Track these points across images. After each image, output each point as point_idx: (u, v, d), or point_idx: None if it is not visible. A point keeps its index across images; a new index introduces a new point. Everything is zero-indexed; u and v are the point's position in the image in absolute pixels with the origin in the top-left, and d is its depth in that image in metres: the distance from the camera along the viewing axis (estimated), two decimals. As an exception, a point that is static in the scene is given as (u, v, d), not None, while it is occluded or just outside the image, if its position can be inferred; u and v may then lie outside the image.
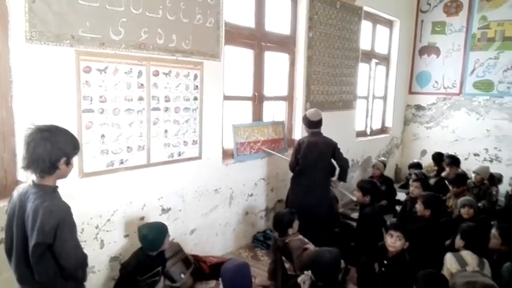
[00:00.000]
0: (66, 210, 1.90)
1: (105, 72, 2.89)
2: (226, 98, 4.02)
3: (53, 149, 1.86)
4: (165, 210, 3.50)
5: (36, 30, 2.49)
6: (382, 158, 6.20)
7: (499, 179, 5.66)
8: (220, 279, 3.35)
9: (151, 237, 2.95)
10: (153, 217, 3.36)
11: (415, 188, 4.54)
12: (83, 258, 2.00)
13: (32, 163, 1.86)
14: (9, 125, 2.55)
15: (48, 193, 1.90)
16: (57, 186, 1.97)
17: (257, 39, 4.41)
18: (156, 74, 3.25)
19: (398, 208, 5.12)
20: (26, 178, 2.53)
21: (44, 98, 2.59)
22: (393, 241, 3.04)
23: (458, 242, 3.12)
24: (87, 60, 2.77)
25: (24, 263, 1.90)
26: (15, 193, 2.00)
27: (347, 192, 4.63)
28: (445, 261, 3.01)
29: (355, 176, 6.21)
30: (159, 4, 3.16)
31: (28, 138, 1.87)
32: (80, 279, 2.03)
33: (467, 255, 2.94)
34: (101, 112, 2.90)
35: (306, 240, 3.39)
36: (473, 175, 5.16)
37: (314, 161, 3.92)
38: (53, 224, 1.81)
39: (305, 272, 2.96)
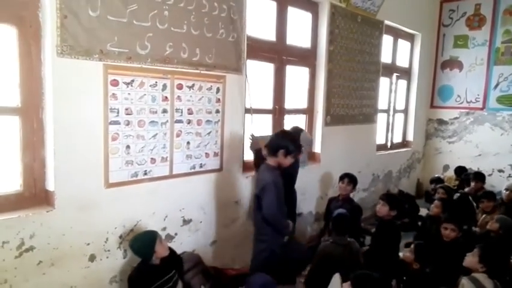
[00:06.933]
0: (271, 179, 3.17)
1: (132, 86, 2.97)
2: (247, 111, 4.06)
3: (278, 142, 3.29)
4: (186, 222, 3.53)
5: (67, 45, 2.58)
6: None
7: None
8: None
9: (137, 246, 2.87)
10: (174, 228, 3.40)
11: (435, 207, 4.50)
12: (274, 214, 3.16)
13: (268, 146, 3.33)
14: (39, 136, 2.63)
15: (268, 169, 3.29)
16: (275, 167, 3.29)
17: (278, 53, 4.45)
18: (180, 87, 3.32)
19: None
20: (54, 188, 2.62)
21: (73, 110, 2.67)
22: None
23: (476, 265, 2.95)
24: (114, 74, 2.85)
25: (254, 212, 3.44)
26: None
27: None
28: (460, 286, 2.91)
29: (376, 191, 6.13)
30: (184, 19, 3.24)
31: (274, 133, 3.61)
32: (279, 229, 3.30)
33: (485, 281, 2.82)
34: (127, 124, 2.97)
35: None
36: (504, 192, 5.04)
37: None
38: (262, 185, 3.20)
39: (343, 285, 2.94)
